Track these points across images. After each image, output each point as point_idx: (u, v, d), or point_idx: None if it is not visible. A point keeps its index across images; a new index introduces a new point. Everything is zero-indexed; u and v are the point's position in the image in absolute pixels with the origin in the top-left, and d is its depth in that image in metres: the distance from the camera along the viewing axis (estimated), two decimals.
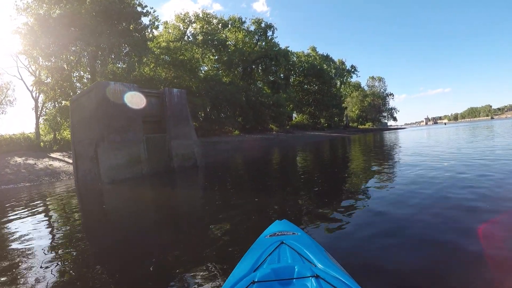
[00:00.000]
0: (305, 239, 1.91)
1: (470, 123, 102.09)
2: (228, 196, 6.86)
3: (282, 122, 44.35)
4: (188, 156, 13.86)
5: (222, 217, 4.78)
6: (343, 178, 7.87)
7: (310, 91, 62.26)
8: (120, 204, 7.65)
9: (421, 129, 69.49)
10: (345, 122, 78.51)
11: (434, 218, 3.71)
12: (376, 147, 18.78)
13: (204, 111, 33.18)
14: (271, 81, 46.68)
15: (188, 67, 28.76)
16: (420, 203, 4.42)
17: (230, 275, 1.61)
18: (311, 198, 5.72)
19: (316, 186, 7.02)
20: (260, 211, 4.97)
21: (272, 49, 43.34)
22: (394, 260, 2.70)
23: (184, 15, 37.84)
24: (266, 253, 1.68)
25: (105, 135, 11.23)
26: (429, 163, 8.42)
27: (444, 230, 3.30)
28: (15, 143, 20.28)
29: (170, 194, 8.37)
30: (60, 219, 6.06)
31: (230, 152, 24.04)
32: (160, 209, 6.45)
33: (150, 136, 12.63)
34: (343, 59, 79.81)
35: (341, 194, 5.81)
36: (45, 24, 19.95)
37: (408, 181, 6.09)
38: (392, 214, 4.04)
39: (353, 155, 14.67)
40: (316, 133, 50.74)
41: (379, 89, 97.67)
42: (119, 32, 22.75)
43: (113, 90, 11.62)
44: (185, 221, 5.08)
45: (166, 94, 13.43)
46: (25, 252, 3.83)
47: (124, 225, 5.15)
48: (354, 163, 11.14)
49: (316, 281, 1.29)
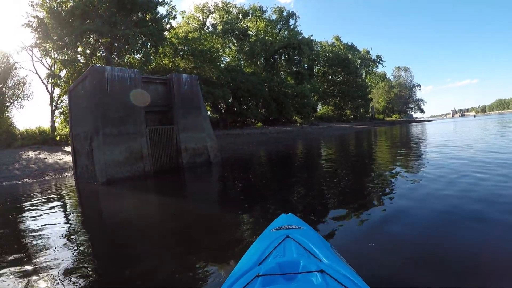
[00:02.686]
0: (311, 233, 1.87)
1: (500, 115, 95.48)
2: (238, 201, 5.87)
3: (307, 114, 41.61)
4: (200, 151, 11.82)
5: (229, 223, 4.29)
6: (366, 175, 7.20)
7: (335, 82, 58.44)
8: (111, 210, 6.31)
9: (449, 121, 65.45)
10: (371, 113, 74.46)
11: (454, 233, 3.08)
12: (403, 142, 16.84)
13: (226, 102, 31.17)
14: (294, 72, 43.73)
15: (208, 57, 26.75)
16: (443, 217, 3.60)
17: (235, 268, 1.61)
18: (329, 195, 5.39)
19: (336, 183, 6.33)
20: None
21: (295, 38, 40.44)
22: (403, 268, 2.46)
23: (203, 5, 35.75)
24: (271, 247, 1.64)
25: (99, 127, 9.35)
26: (468, 168, 6.49)
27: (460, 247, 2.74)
28: (30, 137, 19.39)
29: (173, 197, 7.01)
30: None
31: (252, 145, 22.05)
32: (158, 216, 5.38)
33: (154, 128, 10.66)
34: (368, 49, 75.24)
35: (360, 193, 5.34)
36: (58, 16, 18.72)
37: (438, 187, 4.97)
38: (410, 222, 3.54)
39: (378, 150, 13.45)
40: (342, 125, 48.02)
41: (405, 79, 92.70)
42: (134, 22, 21.23)
43: (109, 76, 9.72)
44: (189, 233, 4.09)
45: (173, 80, 11.38)
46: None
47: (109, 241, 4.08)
48: (379, 160, 10.12)
49: (321, 276, 1.25)
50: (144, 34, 21.15)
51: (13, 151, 17.78)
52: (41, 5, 19.23)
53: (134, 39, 20.41)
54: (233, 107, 32.97)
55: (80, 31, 18.78)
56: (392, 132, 28.64)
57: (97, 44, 21.39)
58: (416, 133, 23.82)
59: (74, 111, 11.36)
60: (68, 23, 19.03)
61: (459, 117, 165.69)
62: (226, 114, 32.03)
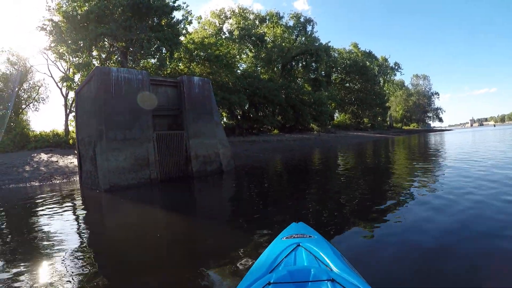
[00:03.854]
0: (321, 242, 1.83)
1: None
2: (250, 210, 5.50)
3: (324, 122, 40.35)
4: (211, 159, 10.93)
5: (239, 231, 4.11)
6: (382, 187, 6.78)
7: (352, 89, 56.79)
8: (107, 221, 5.78)
9: (468, 131, 63.35)
10: (389, 122, 72.36)
11: (469, 248, 2.89)
12: (422, 152, 15.77)
13: (242, 109, 30.36)
14: (312, 79, 42.57)
15: (224, 62, 26.06)
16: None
17: (245, 275, 1.61)
18: (343, 206, 5.11)
19: (350, 194, 6.10)
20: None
21: (313, 44, 39.38)
22: (414, 280, 2.37)
23: (220, 11, 35.23)
24: (282, 255, 1.64)
25: (103, 132, 8.59)
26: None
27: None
28: (44, 139, 19.09)
29: (179, 207, 6.44)
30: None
31: (268, 152, 21.13)
32: (162, 224, 5.00)
33: (162, 133, 9.84)
34: (386, 56, 73.31)
35: (375, 205, 4.98)
36: (73, 20, 18.44)
37: (458, 209, 4.25)
38: (424, 236, 3.27)
39: (396, 160, 12.69)
40: (359, 133, 46.61)
41: (423, 87, 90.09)
42: (149, 26, 20.80)
43: (115, 78, 8.99)
44: (195, 241, 3.99)
45: (184, 82, 10.57)
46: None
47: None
48: (396, 172, 9.39)
49: (332, 285, 1.24)
50: (159, 39, 20.66)
51: (26, 153, 17.57)
52: (57, 9, 19.05)
53: (149, 43, 19.94)
54: (249, 114, 32.23)
55: (95, 35, 18.39)
56: (410, 142, 27.85)
57: (112, 48, 21.01)
58: (435, 143, 22.73)
59: (79, 114, 10.70)
60: (83, 27, 18.69)
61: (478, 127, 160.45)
62: (242, 120, 31.28)
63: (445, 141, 24.59)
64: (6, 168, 14.51)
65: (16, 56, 21.99)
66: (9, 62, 21.64)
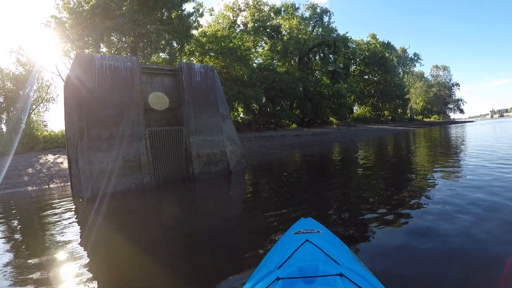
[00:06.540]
0: (330, 237, 1.81)
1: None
2: (259, 210, 4.93)
3: (343, 115, 37.92)
4: (216, 158, 9.15)
5: (247, 228, 4.00)
6: (401, 186, 5.88)
7: (371, 81, 53.40)
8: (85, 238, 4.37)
9: (489, 122, 60.25)
10: (409, 114, 68.31)
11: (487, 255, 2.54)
12: (444, 146, 14.61)
13: (258, 103, 28.44)
14: (330, 71, 40.06)
15: (238, 55, 24.25)
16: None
17: (254, 271, 1.58)
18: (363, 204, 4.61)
19: (371, 191, 5.57)
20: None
21: (330, 35, 36.85)
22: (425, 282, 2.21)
23: (233, 3, 33.27)
24: (290, 251, 1.56)
25: (84, 129, 7.00)
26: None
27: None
28: (53, 140, 18.04)
29: (176, 212, 5.49)
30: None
31: (286, 148, 19.24)
32: (163, 226, 4.47)
33: (156, 130, 8.13)
34: (405, 47, 69.26)
35: (392, 204, 4.47)
36: (78, 16, 17.24)
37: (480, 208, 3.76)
38: (440, 238, 2.98)
39: (418, 155, 11.71)
40: (380, 126, 43.56)
41: (443, 78, 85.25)
42: (158, 20, 19.29)
43: (99, 66, 7.36)
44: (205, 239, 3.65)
45: (183, 70, 8.79)
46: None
47: None
48: (417, 167, 8.50)
49: (341, 279, 1.20)
50: (169, 32, 19.11)
51: (34, 154, 16.66)
52: (64, 6, 17.88)
53: (158, 36, 18.42)
54: (266, 108, 30.30)
55: (101, 30, 17.05)
56: (431, 134, 25.92)
57: (121, 44, 19.62)
58: (457, 136, 21.10)
59: (66, 110, 9.13)
60: (90, 22, 17.45)
61: (498, 118, 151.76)
62: (259, 115, 29.42)
63: (466, 133, 23.22)
64: (9, 171, 13.49)
65: (26, 56, 21.04)
66: (19, 62, 20.67)
